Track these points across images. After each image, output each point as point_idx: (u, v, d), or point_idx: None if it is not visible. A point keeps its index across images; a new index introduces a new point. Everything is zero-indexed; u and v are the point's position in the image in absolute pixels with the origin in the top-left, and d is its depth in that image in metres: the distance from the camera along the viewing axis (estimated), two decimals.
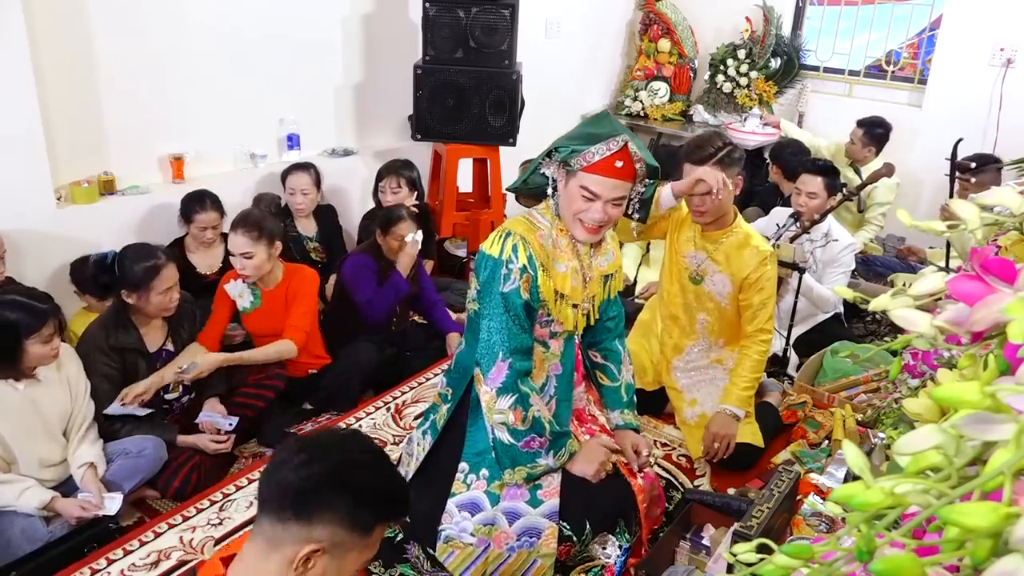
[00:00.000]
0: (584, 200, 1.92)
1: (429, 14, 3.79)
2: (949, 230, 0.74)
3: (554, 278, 2.01)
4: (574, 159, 1.90)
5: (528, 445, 1.99)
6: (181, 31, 3.41)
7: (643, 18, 5.66)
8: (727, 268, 2.66)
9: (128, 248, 2.62)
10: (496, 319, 1.96)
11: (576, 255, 2.05)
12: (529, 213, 2.06)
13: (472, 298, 2.06)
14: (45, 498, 2.22)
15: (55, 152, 3.10)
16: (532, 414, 1.98)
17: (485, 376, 1.99)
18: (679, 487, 2.63)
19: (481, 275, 1.99)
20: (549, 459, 2.03)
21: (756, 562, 0.56)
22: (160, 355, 2.68)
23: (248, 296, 2.96)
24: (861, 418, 2.81)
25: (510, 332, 1.96)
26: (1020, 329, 0.50)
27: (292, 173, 3.62)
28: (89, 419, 2.43)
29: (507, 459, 2.01)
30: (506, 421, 1.97)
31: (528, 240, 1.96)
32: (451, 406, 2.15)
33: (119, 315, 2.58)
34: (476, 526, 2.02)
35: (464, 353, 2.15)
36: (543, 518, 2.02)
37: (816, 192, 3.36)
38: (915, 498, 0.50)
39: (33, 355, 2.22)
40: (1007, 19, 4.48)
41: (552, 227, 2.02)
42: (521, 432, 1.98)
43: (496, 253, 1.96)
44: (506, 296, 1.95)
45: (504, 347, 1.96)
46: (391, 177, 3.79)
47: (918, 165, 4.54)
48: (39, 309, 2.21)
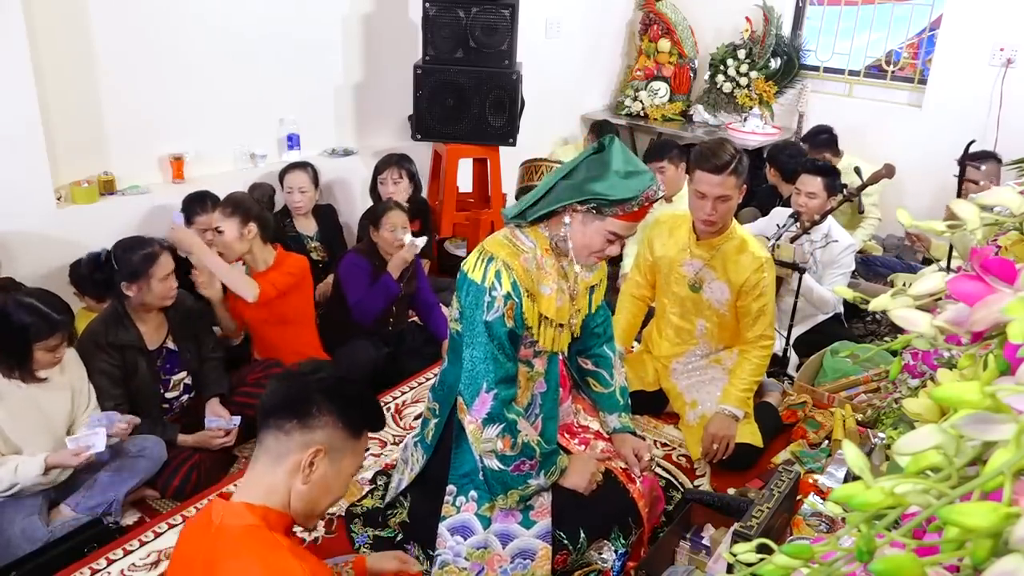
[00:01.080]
0: (607, 242, 1.90)
1: (429, 14, 3.79)
2: (950, 230, 0.74)
3: (539, 302, 1.95)
4: (609, 209, 1.84)
5: (518, 468, 1.96)
6: (181, 31, 3.41)
7: (643, 18, 5.66)
8: (724, 275, 2.65)
9: (121, 241, 2.61)
10: (479, 348, 1.90)
11: (562, 275, 2.00)
12: (511, 233, 1.98)
13: (455, 318, 2.00)
14: (40, 462, 2.23)
15: (55, 152, 3.10)
16: (521, 440, 1.94)
17: (469, 407, 1.94)
18: (679, 487, 2.62)
19: (463, 299, 1.93)
20: (540, 479, 1.99)
21: (756, 562, 0.56)
22: (160, 352, 2.68)
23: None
24: (861, 418, 2.81)
25: (495, 362, 1.90)
26: (1020, 329, 0.50)
27: (290, 172, 3.62)
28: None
29: (498, 485, 1.98)
30: (495, 449, 1.93)
31: (511, 266, 1.89)
32: (439, 422, 2.11)
33: (117, 313, 2.58)
34: (469, 550, 2.00)
35: (447, 370, 2.10)
36: (536, 539, 2.00)
37: (816, 192, 3.36)
38: (915, 498, 0.50)
39: (37, 361, 2.24)
40: (1007, 19, 4.48)
41: (537, 248, 1.95)
42: (511, 457, 1.94)
43: (479, 279, 1.89)
44: (489, 325, 1.88)
45: (488, 378, 1.90)
46: (392, 168, 3.78)
47: (918, 165, 4.53)
48: (53, 320, 2.23)
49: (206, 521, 1.36)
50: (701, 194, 2.53)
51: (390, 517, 2.22)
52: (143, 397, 2.62)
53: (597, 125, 5.07)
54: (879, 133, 4.94)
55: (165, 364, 2.69)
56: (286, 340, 3.05)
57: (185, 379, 2.76)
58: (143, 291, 2.54)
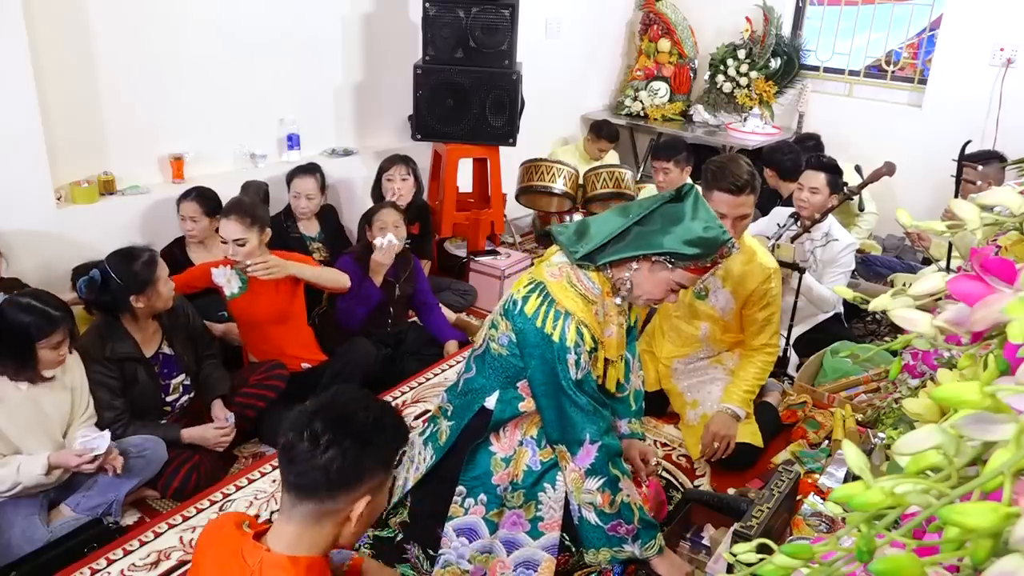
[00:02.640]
0: (670, 291, 1.90)
1: (429, 14, 3.79)
2: (949, 231, 0.74)
3: (605, 348, 1.96)
4: (683, 263, 1.85)
5: (615, 530, 1.95)
6: (181, 31, 3.41)
7: (643, 18, 5.67)
8: (731, 284, 2.65)
9: (111, 259, 2.51)
10: (575, 405, 1.88)
11: (620, 311, 1.99)
12: (575, 276, 1.91)
13: (503, 344, 1.95)
14: (43, 461, 2.22)
15: (55, 152, 3.10)
16: (620, 499, 1.94)
17: (572, 456, 1.93)
18: (679, 487, 2.63)
19: (532, 347, 1.87)
20: (636, 548, 1.98)
21: (756, 562, 0.56)
22: (157, 358, 2.67)
23: (236, 281, 2.94)
24: (861, 418, 2.81)
25: (596, 415, 1.91)
26: (1020, 329, 0.50)
27: (298, 176, 3.59)
28: (91, 422, 2.43)
29: (593, 539, 1.97)
30: (594, 502, 1.93)
31: (588, 323, 1.87)
32: (455, 425, 2.08)
33: (111, 325, 2.55)
34: (473, 553, 1.99)
35: (474, 380, 2.07)
36: (542, 551, 1.98)
37: (819, 188, 3.36)
38: (915, 498, 0.50)
39: (42, 360, 2.23)
40: (1007, 19, 4.48)
41: (601, 294, 1.93)
42: (609, 516, 1.94)
43: (557, 337, 1.84)
44: (581, 383, 1.88)
45: (591, 430, 1.91)
46: (399, 166, 3.75)
47: (918, 165, 4.53)
48: (52, 316, 2.22)
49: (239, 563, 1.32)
50: (720, 214, 2.45)
51: (390, 517, 2.22)
52: (144, 403, 2.62)
53: (597, 125, 5.07)
54: (879, 133, 4.94)
55: (163, 369, 2.68)
56: (285, 339, 3.05)
57: (184, 381, 2.75)
58: (152, 298, 2.52)
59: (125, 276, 2.47)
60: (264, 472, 2.64)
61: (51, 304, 2.26)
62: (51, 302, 2.27)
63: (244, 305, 2.96)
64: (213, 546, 1.42)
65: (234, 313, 3.03)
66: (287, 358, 3.01)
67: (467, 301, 4.06)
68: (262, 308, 2.96)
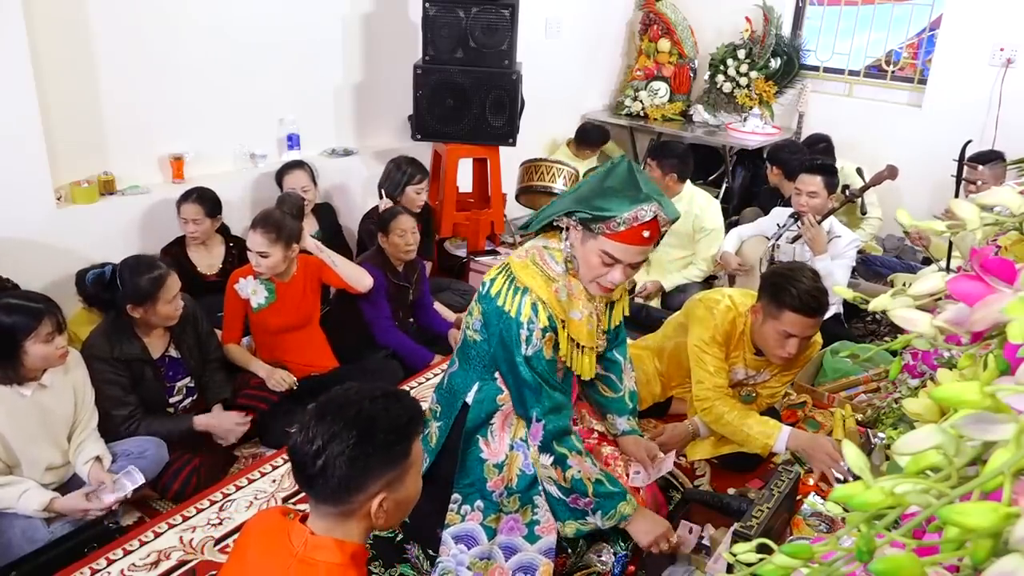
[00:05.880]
0: (603, 264, 1.83)
1: (429, 14, 3.79)
2: (949, 231, 0.74)
3: (570, 327, 1.92)
4: (596, 225, 1.78)
5: (575, 503, 1.96)
6: (181, 31, 3.41)
7: (643, 18, 5.66)
8: (773, 375, 2.70)
9: (127, 262, 2.54)
10: (524, 379, 1.90)
11: (589, 298, 1.97)
12: (540, 256, 1.92)
13: (474, 328, 1.97)
14: (45, 499, 2.21)
15: (55, 152, 3.10)
16: (571, 475, 1.94)
17: (528, 431, 1.97)
18: (679, 487, 2.62)
19: (493, 320, 1.91)
20: (598, 519, 1.97)
21: (756, 562, 0.56)
22: (164, 361, 2.67)
23: (263, 292, 2.94)
24: (861, 418, 2.80)
25: (542, 394, 1.91)
26: (1020, 329, 0.50)
27: (290, 172, 3.61)
28: (93, 423, 2.43)
29: (558, 511, 1.98)
30: (551, 476, 1.95)
31: (545, 300, 1.86)
32: (443, 426, 2.09)
33: (120, 325, 2.54)
34: (472, 560, 1.99)
35: (456, 374, 2.08)
36: (539, 554, 1.99)
37: (816, 191, 3.36)
38: (915, 498, 0.50)
39: (35, 356, 2.19)
40: (1007, 19, 4.48)
41: (566, 275, 1.92)
42: (566, 490, 1.95)
43: (512, 312, 1.86)
44: (529, 359, 1.88)
45: (537, 410, 1.92)
46: (425, 177, 3.76)
47: (918, 165, 4.53)
48: (34, 309, 2.18)
49: (284, 543, 1.34)
50: (789, 334, 2.37)
51: None
52: (148, 404, 2.62)
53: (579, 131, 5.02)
54: (879, 133, 4.94)
55: (168, 372, 2.68)
56: (302, 344, 3.05)
57: (188, 383, 2.75)
58: (149, 313, 2.52)
59: (128, 283, 2.48)
60: (264, 472, 2.64)
61: (31, 298, 2.24)
62: (30, 296, 2.26)
63: (272, 313, 2.96)
64: (259, 530, 1.44)
65: (255, 321, 3.01)
66: (296, 366, 3.00)
67: (467, 301, 4.03)
68: (287, 316, 2.96)
